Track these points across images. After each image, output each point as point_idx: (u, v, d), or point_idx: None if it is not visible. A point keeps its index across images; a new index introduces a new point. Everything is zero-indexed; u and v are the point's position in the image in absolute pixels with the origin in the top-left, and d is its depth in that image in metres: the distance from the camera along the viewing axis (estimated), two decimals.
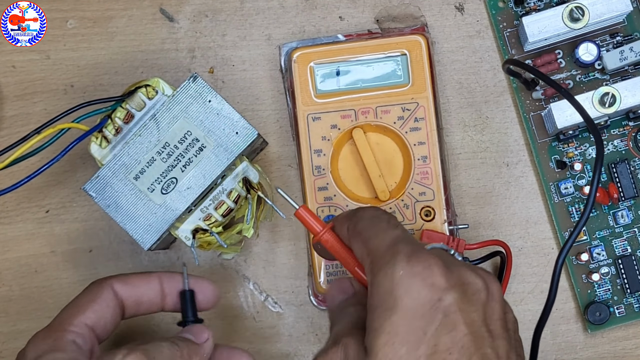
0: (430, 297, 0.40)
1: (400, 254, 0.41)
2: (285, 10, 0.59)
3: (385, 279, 0.41)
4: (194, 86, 0.52)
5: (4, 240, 0.58)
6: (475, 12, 0.59)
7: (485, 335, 0.41)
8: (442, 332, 0.40)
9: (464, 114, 0.59)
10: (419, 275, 0.40)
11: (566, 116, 0.55)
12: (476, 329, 0.40)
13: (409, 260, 0.41)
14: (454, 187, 0.58)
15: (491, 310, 0.42)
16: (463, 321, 0.40)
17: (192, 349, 0.47)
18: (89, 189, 0.52)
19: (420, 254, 0.41)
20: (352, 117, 0.56)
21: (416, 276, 0.40)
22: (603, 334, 0.58)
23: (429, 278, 0.40)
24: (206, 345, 0.48)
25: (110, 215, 0.52)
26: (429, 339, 0.40)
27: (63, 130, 0.51)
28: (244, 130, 0.52)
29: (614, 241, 0.58)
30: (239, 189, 0.53)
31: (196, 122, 0.52)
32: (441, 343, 0.40)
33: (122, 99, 0.53)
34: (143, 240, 0.52)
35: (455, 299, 0.40)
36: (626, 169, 0.57)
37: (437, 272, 0.41)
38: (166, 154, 0.52)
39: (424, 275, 0.40)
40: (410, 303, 0.40)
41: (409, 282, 0.40)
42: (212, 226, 0.53)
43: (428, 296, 0.40)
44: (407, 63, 0.56)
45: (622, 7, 0.56)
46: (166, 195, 0.52)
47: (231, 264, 0.58)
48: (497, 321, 0.42)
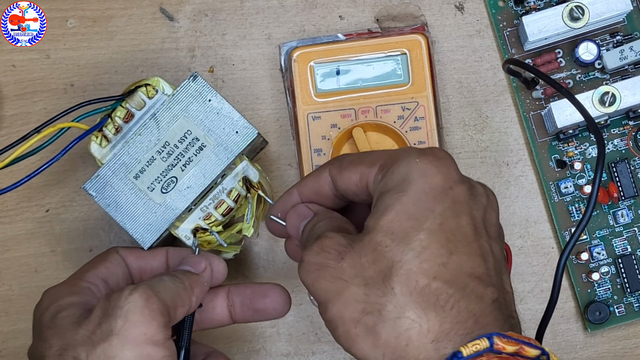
0: (442, 184, 0.42)
1: (415, 149, 0.44)
2: (285, 9, 0.59)
3: (401, 166, 0.42)
4: (194, 85, 0.52)
5: (4, 239, 0.58)
6: (475, 11, 0.59)
7: (483, 233, 0.42)
8: (448, 215, 0.41)
9: (464, 113, 0.59)
10: (434, 163, 0.42)
11: (566, 115, 0.55)
12: (477, 224, 0.42)
13: (424, 152, 0.43)
14: None
15: (489, 216, 0.43)
16: (466, 212, 0.42)
17: (193, 279, 0.48)
18: (89, 188, 0.52)
19: (434, 148, 0.44)
20: (352, 117, 0.56)
21: (432, 163, 0.42)
22: (603, 333, 0.58)
23: (443, 167, 0.42)
24: (205, 274, 0.49)
25: (110, 214, 0.52)
26: (436, 216, 0.41)
27: (63, 129, 0.51)
28: (244, 130, 0.52)
29: (614, 240, 0.58)
30: (239, 188, 0.53)
31: (196, 121, 0.52)
32: (447, 223, 0.41)
33: (122, 98, 0.53)
34: (143, 239, 0.52)
35: (463, 192, 0.42)
36: (626, 168, 0.57)
37: (451, 166, 0.43)
38: (166, 153, 0.52)
39: (438, 164, 0.42)
40: (423, 186, 0.41)
41: (425, 167, 0.42)
42: (212, 225, 0.53)
43: (441, 182, 0.42)
44: (407, 62, 0.56)
45: (622, 6, 0.56)
46: (166, 194, 0.52)
47: (231, 264, 0.58)
48: (493, 226, 0.43)
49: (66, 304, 0.47)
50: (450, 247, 0.40)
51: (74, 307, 0.47)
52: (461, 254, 0.40)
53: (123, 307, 0.44)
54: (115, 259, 0.51)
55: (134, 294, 0.45)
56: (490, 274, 0.41)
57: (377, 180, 0.43)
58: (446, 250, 0.40)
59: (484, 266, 0.41)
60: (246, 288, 0.51)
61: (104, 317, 0.44)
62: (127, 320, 0.44)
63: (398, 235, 0.40)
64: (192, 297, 0.47)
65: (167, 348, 0.45)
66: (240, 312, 0.51)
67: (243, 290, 0.51)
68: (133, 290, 0.45)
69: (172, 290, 0.46)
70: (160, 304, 0.45)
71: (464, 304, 0.39)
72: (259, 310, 0.51)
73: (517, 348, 0.38)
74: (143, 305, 0.44)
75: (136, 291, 0.45)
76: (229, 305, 0.51)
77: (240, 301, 0.51)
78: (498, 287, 0.41)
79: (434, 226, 0.40)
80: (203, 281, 0.49)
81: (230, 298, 0.51)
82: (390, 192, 0.42)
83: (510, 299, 0.42)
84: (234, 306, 0.51)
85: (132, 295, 0.45)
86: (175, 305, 0.46)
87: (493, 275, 0.41)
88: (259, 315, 0.51)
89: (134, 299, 0.44)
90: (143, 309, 0.44)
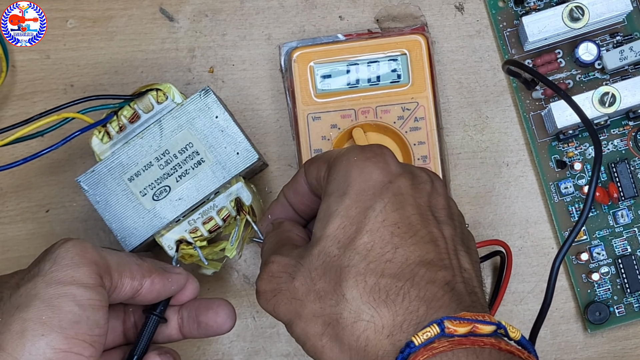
0: (382, 179, 0.43)
1: (354, 148, 0.45)
2: (285, 9, 0.59)
3: (340, 167, 0.44)
4: (205, 99, 0.52)
5: (4, 240, 0.58)
6: (475, 11, 0.59)
7: (431, 219, 0.43)
8: (390, 209, 0.42)
9: (464, 113, 0.59)
10: (372, 160, 0.43)
11: (566, 116, 0.55)
12: (423, 212, 0.43)
13: (363, 149, 0.44)
14: (454, 187, 0.58)
15: (435, 201, 0.44)
16: (410, 203, 0.43)
17: (156, 269, 0.47)
18: (83, 182, 0.52)
19: (372, 145, 0.45)
20: (352, 117, 0.56)
21: (369, 160, 0.43)
22: (603, 333, 0.58)
23: (381, 163, 0.43)
24: (174, 277, 0.48)
25: (98, 211, 0.52)
26: (378, 214, 0.42)
27: (68, 119, 0.51)
28: (245, 152, 0.52)
29: (614, 241, 0.58)
30: (230, 209, 0.53)
31: (200, 135, 0.52)
32: (389, 218, 0.42)
33: (132, 99, 0.53)
34: (126, 242, 0.52)
35: (404, 184, 0.43)
36: (626, 168, 0.57)
37: (389, 159, 0.44)
38: (164, 161, 0.52)
39: (376, 160, 0.43)
40: (362, 185, 0.43)
41: (362, 165, 0.43)
42: (197, 240, 0.52)
43: (380, 177, 0.43)
44: (407, 63, 0.56)
45: (622, 6, 0.56)
46: (157, 202, 0.52)
47: (231, 264, 0.58)
48: (442, 210, 0.44)
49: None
50: (395, 242, 0.41)
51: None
52: (408, 245, 0.41)
53: (54, 252, 0.44)
54: None
55: (68, 243, 0.44)
56: (441, 257, 0.42)
57: (325, 178, 0.45)
58: (391, 246, 0.41)
59: (435, 251, 0.41)
60: (195, 301, 0.50)
61: (35, 263, 0.44)
62: (55, 262, 0.43)
63: (344, 243, 0.42)
64: (145, 276, 0.46)
65: (97, 293, 0.43)
66: (187, 325, 0.50)
67: (192, 303, 0.50)
68: (67, 239, 0.45)
69: (122, 258, 0.46)
70: (96, 256, 0.44)
71: (415, 293, 0.40)
72: (202, 323, 0.49)
73: (470, 328, 0.38)
74: (75, 253, 0.44)
75: (70, 241, 0.44)
76: (179, 318, 0.50)
77: (187, 314, 0.50)
78: (453, 268, 0.41)
79: (377, 225, 0.41)
80: (169, 278, 0.48)
81: (180, 311, 0.50)
82: (334, 195, 0.43)
83: (471, 275, 0.42)
84: (182, 319, 0.50)
85: (65, 243, 0.44)
86: (120, 270, 0.45)
87: (445, 258, 0.42)
88: (203, 329, 0.50)
89: (67, 247, 0.44)
90: (74, 255, 0.43)
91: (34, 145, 0.56)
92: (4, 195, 0.58)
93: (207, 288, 0.58)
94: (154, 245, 0.54)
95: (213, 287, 0.58)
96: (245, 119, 0.59)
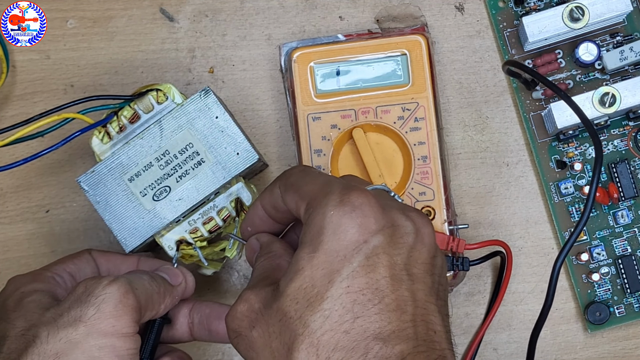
0: (356, 239, 0.39)
1: (334, 193, 0.41)
2: (285, 10, 0.59)
3: (317, 218, 0.40)
4: (205, 100, 0.52)
5: (4, 240, 0.58)
6: (475, 12, 0.59)
7: (405, 279, 0.40)
8: (358, 274, 0.39)
9: (464, 113, 0.59)
10: (349, 215, 0.40)
11: (566, 116, 0.55)
12: (396, 272, 0.40)
13: (341, 200, 0.40)
14: (454, 187, 0.58)
15: (417, 254, 0.41)
16: (384, 264, 0.39)
17: (167, 289, 0.48)
18: (83, 182, 0.52)
19: (353, 193, 0.40)
20: (352, 117, 0.56)
21: (346, 215, 0.40)
22: (603, 333, 0.58)
23: (359, 218, 0.40)
24: (179, 288, 0.49)
25: (98, 211, 0.52)
26: (343, 279, 0.39)
27: (68, 119, 0.51)
28: (245, 153, 0.52)
29: (614, 241, 0.58)
30: (230, 209, 0.53)
31: (200, 135, 0.52)
32: (355, 284, 0.39)
33: (132, 99, 0.53)
34: (126, 242, 0.52)
35: (380, 242, 0.40)
36: (626, 168, 0.57)
37: (368, 212, 0.40)
38: (164, 161, 0.52)
39: (354, 215, 0.40)
40: (334, 245, 0.39)
41: (338, 222, 0.40)
42: (197, 240, 0.52)
43: (354, 237, 0.39)
44: (407, 63, 0.56)
45: (622, 7, 0.56)
46: (157, 202, 0.52)
47: (231, 264, 0.58)
48: (422, 265, 0.41)
49: (30, 290, 0.47)
50: (356, 310, 0.38)
51: (38, 293, 0.46)
52: (369, 315, 0.38)
53: (98, 296, 0.43)
54: (85, 258, 0.51)
55: (113, 286, 0.44)
56: (404, 326, 0.39)
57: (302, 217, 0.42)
58: (351, 316, 0.38)
59: (398, 320, 0.39)
60: (206, 307, 0.50)
61: (76, 302, 0.44)
62: (99, 310, 0.43)
63: (302, 305, 0.39)
64: (161, 304, 0.47)
65: (134, 341, 0.44)
66: (198, 330, 0.50)
67: (204, 308, 0.50)
68: (112, 281, 0.44)
69: (148, 291, 0.46)
70: (136, 301, 0.44)
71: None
72: (213, 331, 0.49)
73: None
74: (118, 300, 0.43)
75: (115, 283, 0.44)
76: (189, 322, 0.50)
77: (198, 319, 0.50)
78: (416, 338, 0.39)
79: (339, 291, 0.39)
80: (175, 294, 0.48)
81: (191, 314, 0.50)
82: (305, 250, 0.40)
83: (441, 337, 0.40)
84: (193, 323, 0.50)
85: (110, 286, 0.44)
86: (146, 306, 0.45)
87: (409, 327, 0.39)
88: (214, 336, 0.50)
89: (112, 290, 0.44)
90: (117, 303, 0.43)
91: (34, 145, 0.56)
92: (4, 195, 0.58)
93: (207, 288, 0.58)
94: (154, 245, 0.54)
95: (213, 287, 0.58)
96: (246, 119, 0.59)
